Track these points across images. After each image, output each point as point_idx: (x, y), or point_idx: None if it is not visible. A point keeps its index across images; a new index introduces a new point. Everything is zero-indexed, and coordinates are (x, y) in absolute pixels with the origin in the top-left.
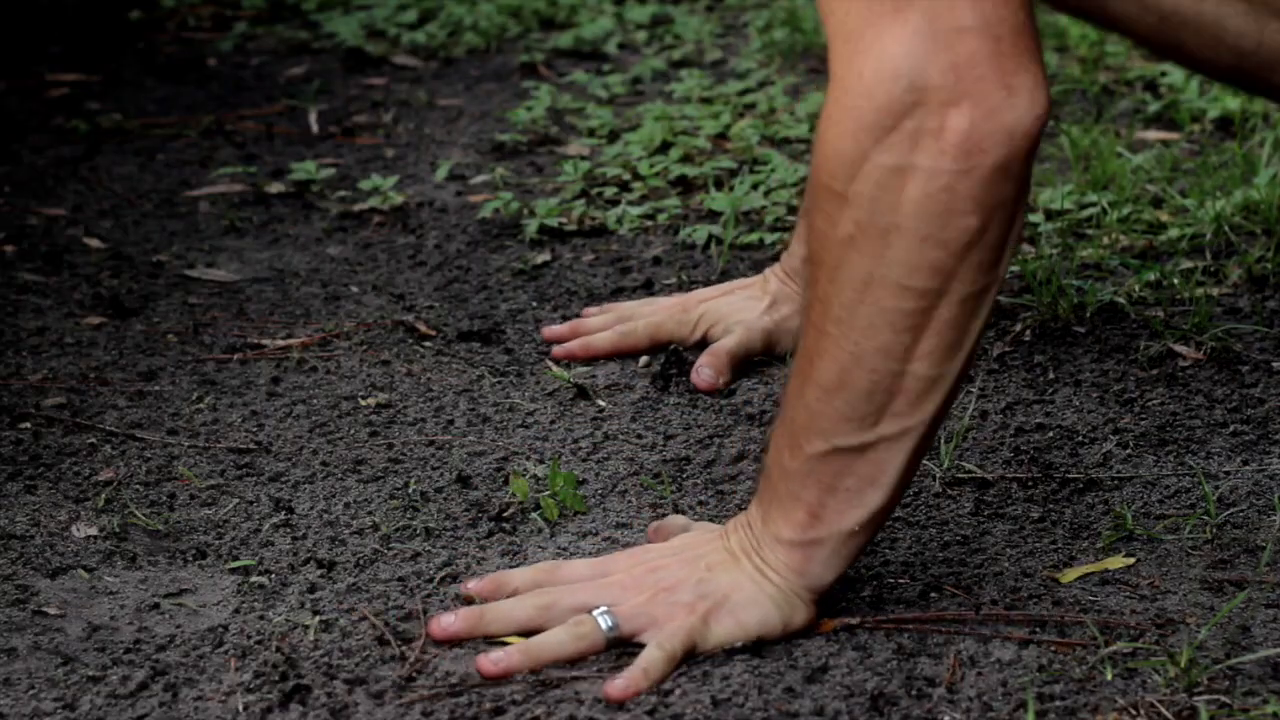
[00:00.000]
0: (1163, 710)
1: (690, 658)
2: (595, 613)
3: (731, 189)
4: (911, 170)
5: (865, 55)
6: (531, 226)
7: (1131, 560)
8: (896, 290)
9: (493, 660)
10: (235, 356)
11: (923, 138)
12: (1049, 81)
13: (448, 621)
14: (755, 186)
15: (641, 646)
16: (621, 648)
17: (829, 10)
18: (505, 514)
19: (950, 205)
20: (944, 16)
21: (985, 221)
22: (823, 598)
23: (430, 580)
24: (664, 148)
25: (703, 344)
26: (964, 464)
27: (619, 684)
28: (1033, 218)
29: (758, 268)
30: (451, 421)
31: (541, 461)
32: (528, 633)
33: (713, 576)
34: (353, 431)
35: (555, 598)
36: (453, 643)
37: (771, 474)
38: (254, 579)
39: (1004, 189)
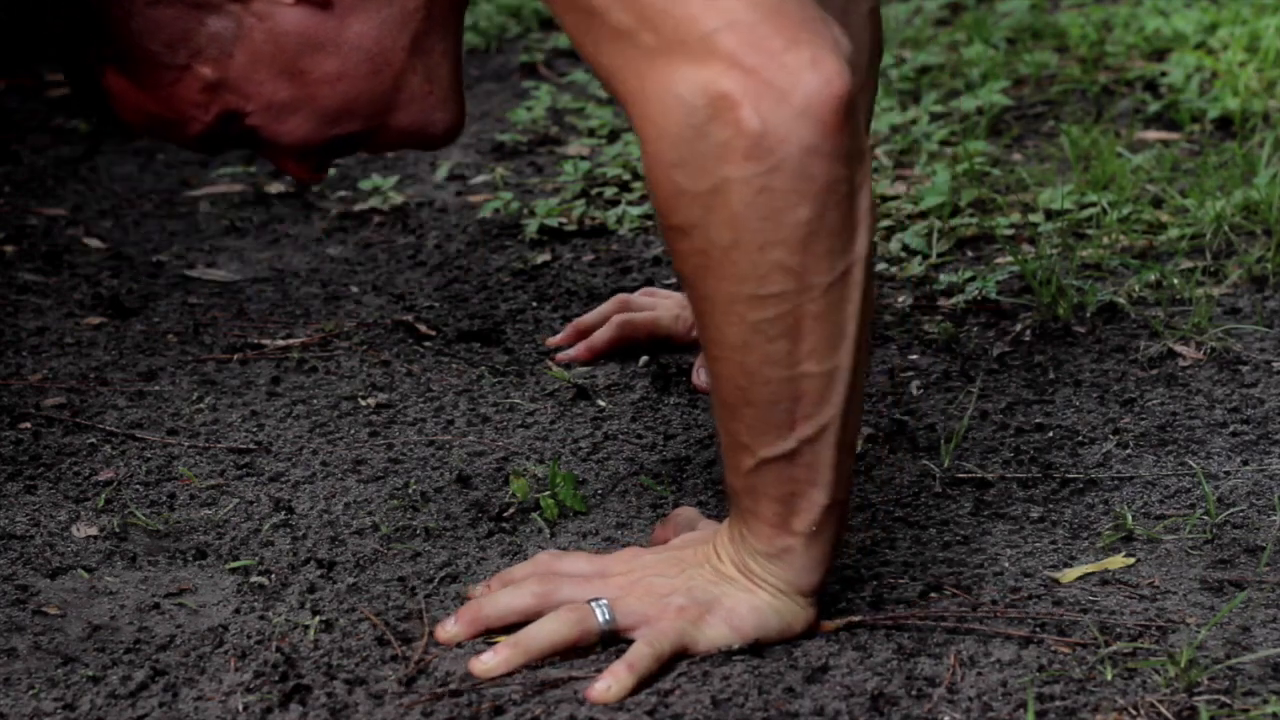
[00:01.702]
0: (1163, 710)
1: (682, 658)
2: (593, 603)
3: None
4: (726, 185)
5: (648, 102)
6: (531, 226)
7: (1131, 560)
8: (755, 302)
9: (483, 660)
10: (235, 356)
11: (725, 151)
12: (843, 47)
13: (450, 626)
14: None
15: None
16: (617, 644)
17: (616, 86)
18: (505, 514)
19: (774, 204)
20: (692, 31)
21: (819, 208)
22: (820, 599)
23: (430, 580)
24: None
25: (699, 341)
26: (964, 464)
27: (600, 685)
28: (1033, 218)
29: None
30: (451, 421)
31: (541, 461)
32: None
33: (707, 584)
34: (353, 431)
35: (554, 586)
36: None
37: (728, 492)
38: (254, 579)
39: (825, 169)
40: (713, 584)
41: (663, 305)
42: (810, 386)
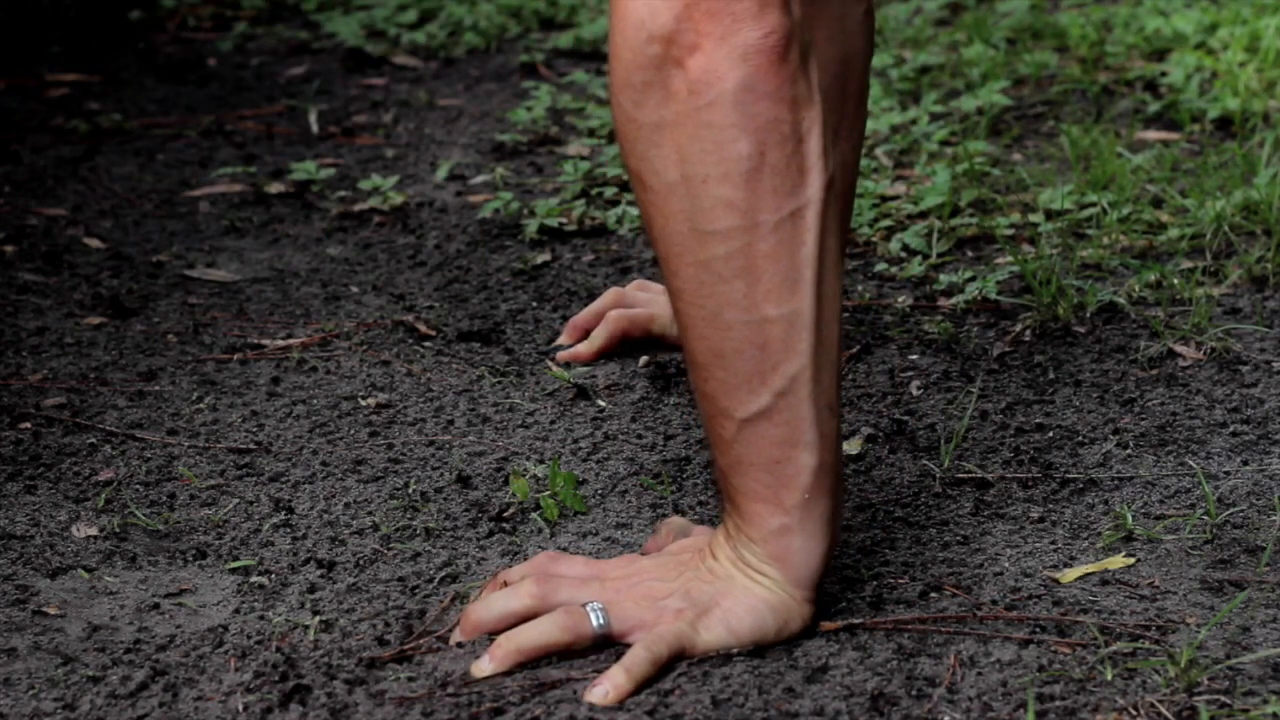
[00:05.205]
0: (1163, 710)
1: (680, 660)
2: (588, 606)
3: None
4: (670, 122)
5: (616, 14)
6: (531, 226)
7: (1131, 560)
8: (704, 238)
9: (479, 664)
10: (235, 356)
11: (669, 83)
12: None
13: (455, 636)
14: None
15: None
16: (612, 647)
17: None
18: (505, 514)
19: (715, 138)
20: None
21: (758, 145)
22: (818, 598)
23: (430, 580)
24: None
25: None
26: (964, 464)
27: (598, 690)
28: (1033, 218)
29: None
30: (451, 421)
31: (541, 461)
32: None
33: (703, 585)
34: (353, 431)
35: (552, 588)
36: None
37: (720, 482)
38: (254, 579)
39: (762, 108)
40: (709, 585)
41: (658, 303)
42: (774, 332)
